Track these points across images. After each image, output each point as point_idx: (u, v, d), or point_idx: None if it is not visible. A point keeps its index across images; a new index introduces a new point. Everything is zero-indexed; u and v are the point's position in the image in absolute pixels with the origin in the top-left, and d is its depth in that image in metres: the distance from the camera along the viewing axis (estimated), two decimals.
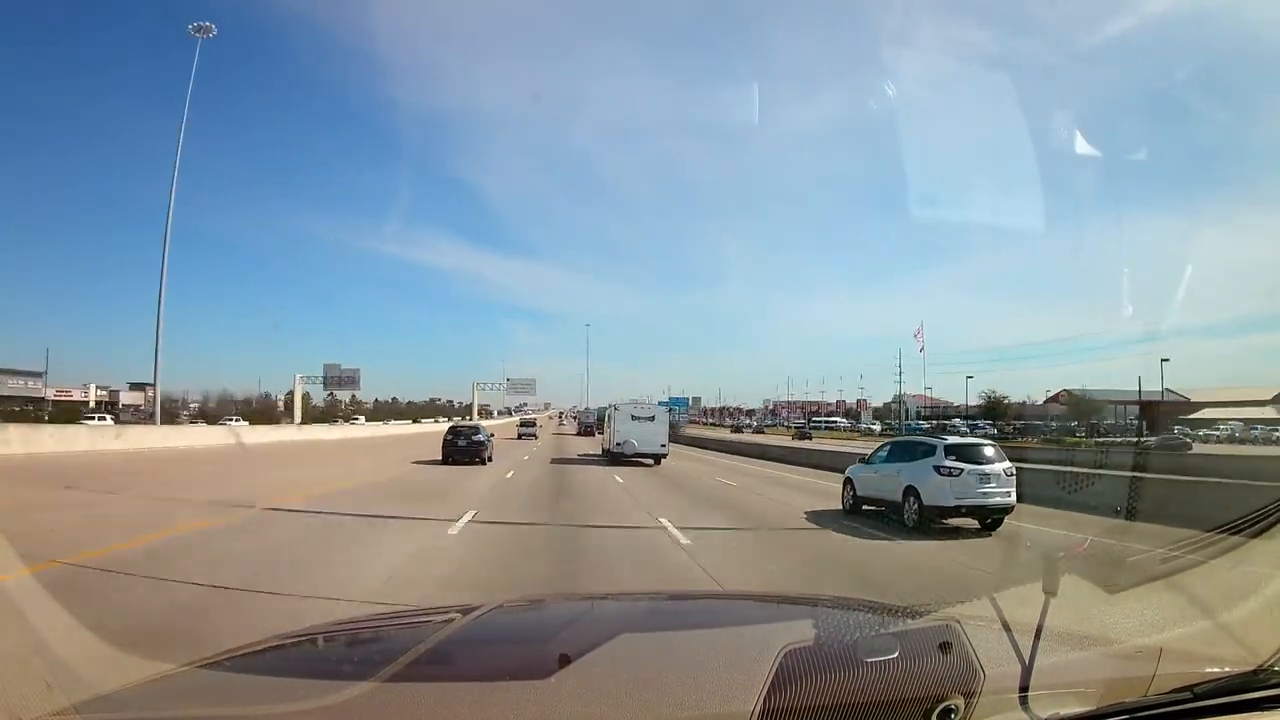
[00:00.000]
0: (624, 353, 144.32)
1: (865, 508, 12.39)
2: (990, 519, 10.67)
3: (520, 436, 46.56)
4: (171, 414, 58.80)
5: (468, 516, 10.54)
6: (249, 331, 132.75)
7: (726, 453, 39.25)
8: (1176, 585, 6.34)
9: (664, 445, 26.90)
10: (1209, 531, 7.40)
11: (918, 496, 10.83)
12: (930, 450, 11.26)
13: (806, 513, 12.83)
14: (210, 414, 66.80)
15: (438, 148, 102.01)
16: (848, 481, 13.20)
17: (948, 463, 10.70)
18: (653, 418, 27.49)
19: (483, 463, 22.50)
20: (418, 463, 22.14)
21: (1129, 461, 20.68)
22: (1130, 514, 11.32)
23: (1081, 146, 13.59)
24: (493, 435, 26.50)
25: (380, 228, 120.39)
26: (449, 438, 23.44)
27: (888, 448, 13.02)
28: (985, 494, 10.51)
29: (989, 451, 11.24)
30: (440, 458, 22.46)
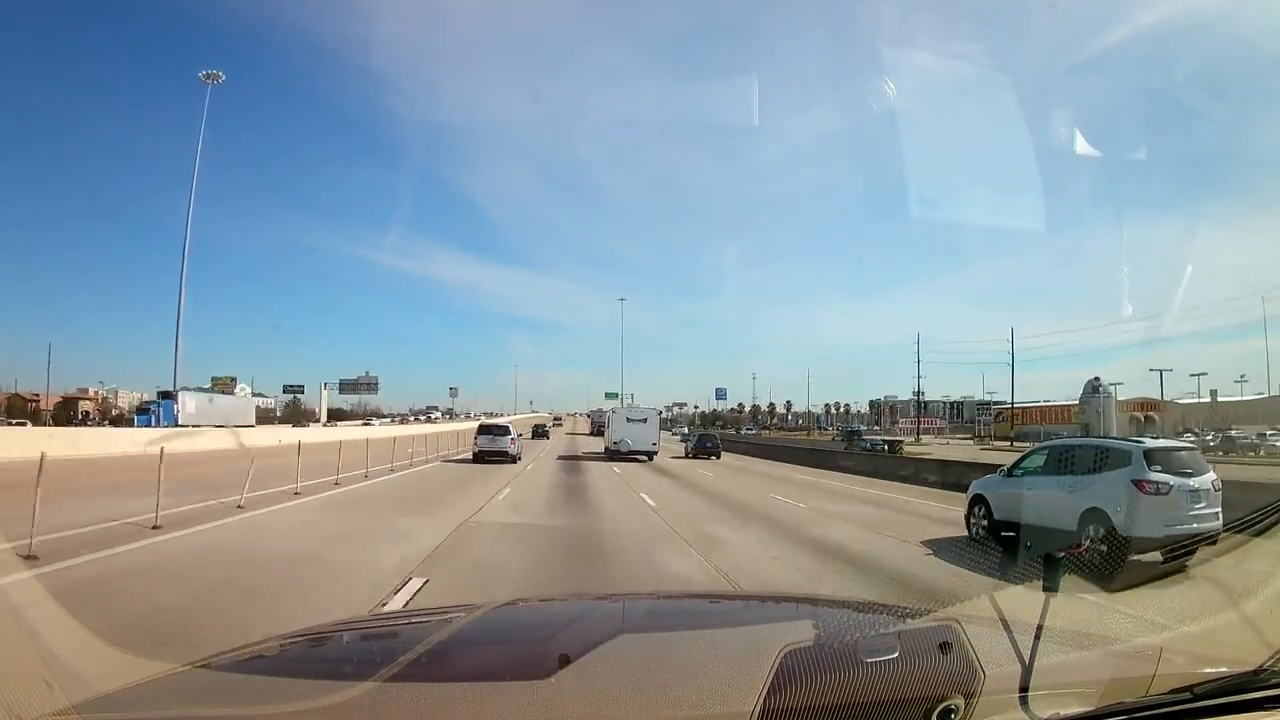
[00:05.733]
0: (628, 359, 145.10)
1: (1005, 534, 9.20)
2: (1184, 551, 7.41)
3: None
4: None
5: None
6: (248, 340, 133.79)
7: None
8: (1177, 584, 6.34)
9: (655, 444, 31.10)
10: None
11: (1107, 523, 7.78)
12: (1123, 458, 8.09)
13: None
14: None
15: (438, 162, 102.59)
16: (977, 500, 9.89)
17: (1154, 476, 7.68)
18: (645, 420, 31.46)
19: (546, 438, 51.20)
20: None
21: None
22: None
23: (1082, 148, 13.55)
24: (550, 428, 63.22)
25: (380, 240, 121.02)
26: (534, 428, 54.50)
27: (1044, 454, 9.53)
28: (1197, 517, 7.60)
29: (1192, 458, 8.27)
30: (530, 437, 47.53)
